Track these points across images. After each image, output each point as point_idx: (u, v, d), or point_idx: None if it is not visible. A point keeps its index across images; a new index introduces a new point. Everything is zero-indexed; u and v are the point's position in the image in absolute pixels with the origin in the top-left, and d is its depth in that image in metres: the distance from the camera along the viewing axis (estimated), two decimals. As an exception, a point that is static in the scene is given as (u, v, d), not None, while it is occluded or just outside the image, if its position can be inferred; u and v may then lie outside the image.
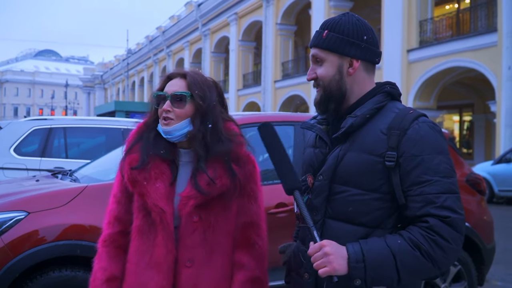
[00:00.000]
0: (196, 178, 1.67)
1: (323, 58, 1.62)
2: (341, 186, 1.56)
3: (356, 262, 1.41)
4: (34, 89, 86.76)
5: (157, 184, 1.66)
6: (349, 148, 1.56)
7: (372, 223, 1.52)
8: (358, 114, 1.56)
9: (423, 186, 1.46)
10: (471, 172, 4.35)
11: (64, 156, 6.84)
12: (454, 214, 1.44)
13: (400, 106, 1.60)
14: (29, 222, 2.98)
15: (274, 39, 24.96)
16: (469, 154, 21.10)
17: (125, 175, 1.69)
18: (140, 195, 1.66)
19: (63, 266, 3.00)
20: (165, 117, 1.68)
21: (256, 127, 1.71)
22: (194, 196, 1.64)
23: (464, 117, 22.58)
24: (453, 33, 16.58)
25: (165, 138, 1.71)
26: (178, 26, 36.44)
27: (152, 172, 1.67)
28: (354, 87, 1.62)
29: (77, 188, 3.24)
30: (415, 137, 1.48)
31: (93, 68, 68.96)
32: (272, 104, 24.89)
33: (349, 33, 1.59)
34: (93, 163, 4.29)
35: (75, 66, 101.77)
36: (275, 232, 3.36)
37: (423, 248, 1.42)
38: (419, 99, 16.87)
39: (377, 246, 1.44)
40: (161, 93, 1.72)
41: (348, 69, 1.60)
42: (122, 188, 1.74)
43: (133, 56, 48.40)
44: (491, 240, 4.23)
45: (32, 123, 6.91)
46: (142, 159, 1.68)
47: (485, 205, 4.35)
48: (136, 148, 1.72)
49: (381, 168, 1.50)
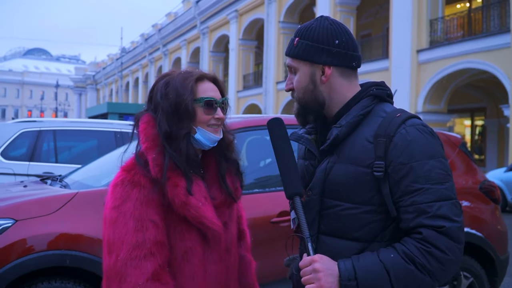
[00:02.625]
0: (227, 185, 1.73)
1: (295, 68, 1.61)
2: (331, 200, 1.55)
3: (348, 280, 1.40)
4: (23, 90, 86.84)
5: (204, 200, 1.64)
6: (337, 160, 1.54)
7: (366, 237, 1.51)
8: (343, 123, 1.54)
9: (414, 196, 1.43)
10: (485, 180, 4.33)
11: (54, 161, 6.84)
12: (449, 222, 1.41)
13: (388, 109, 1.57)
14: (16, 231, 2.97)
15: (277, 38, 24.98)
16: (481, 161, 21.09)
17: (176, 199, 1.58)
18: (195, 217, 1.60)
19: (52, 277, 2.99)
20: (218, 124, 1.71)
21: (256, 130, 1.70)
22: (229, 204, 1.74)
23: (476, 122, 22.58)
24: (464, 33, 16.60)
25: (204, 146, 1.70)
26: (175, 24, 36.51)
27: (196, 189, 1.63)
28: (332, 95, 1.60)
29: (67, 194, 3.23)
30: (402, 143, 1.46)
31: (85, 67, 69.09)
32: (274, 106, 24.89)
33: (319, 39, 1.57)
34: (84, 168, 4.28)
35: (66, 66, 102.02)
36: (278, 242, 3.35)
37: (418, 261, 1.40)
38: (429, 102, 16.87)
39: (369, 262, 1.42)
40: (213, 100, 1.69)
41: (321, 77, 1.58)
42: (159, 211, 1.60)
43: (127, 55, 48.47)
44: (505, 251, 4.22)
45: (20, 125, 6.91)
46: (190, 179, 1.63)
47: (500, 214, 4.34)
48: (172, 164, 1.61)
49: (370, 179, 1.48)
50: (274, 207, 3.42)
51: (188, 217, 1.60)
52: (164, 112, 1.65)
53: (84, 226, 3.03)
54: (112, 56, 56.67)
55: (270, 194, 3.56)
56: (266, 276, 3.32)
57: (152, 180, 1.59)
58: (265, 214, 3.42)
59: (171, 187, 1.59)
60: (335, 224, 1.54)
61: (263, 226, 3.39)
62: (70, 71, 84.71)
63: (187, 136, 1.65)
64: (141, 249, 1.53)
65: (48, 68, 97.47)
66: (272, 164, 1.69)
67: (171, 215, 1.62)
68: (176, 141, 1.63)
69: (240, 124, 3.64)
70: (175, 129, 1.64)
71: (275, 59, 25.08)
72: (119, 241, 1.54)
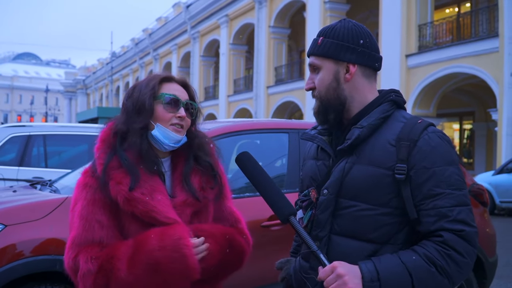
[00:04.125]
0: (190, 185, 1.70)
1: (319, 66, 1.63)
2: (348, 200, 1.55)
3: (371, 281, 1.41)
4: (12, 94, 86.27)
5: (158, 196, 1.63)
6: (356, 160, 1.56)
7: (380, 239, 1.52)
8: (365, 124, 1.56)
9: (436, 200, 1.47)
10: (473, 183, 4.37)
11: (44, 165, 6.80)
12: (468, 227, 1.45)
13: (407, 115, 1.61)
14: (5, 236, 2.95)
15: (267, 42, 25.03)
16: (469, 164, 21.24)
17: (118, 197, 1.59)
18: (145, 212, 1.59)
19: (42, 283, 2.97)
20: (181, 124, 1.70)
21: (249, 134, 1.72)
22: (191, 204, 1.68)
23: (464, 126, 22.74)
24: (453, 38, 16.73)
25: (163, 144, 1.69)
26: (165, 29, 36.48)
27: (147, 185, 1.63)
28: (354, 95, 1.62)
29: (57, 199, 3.22)
30: (426, 148, 1.49)
31: (75, 72, 68.83)
32: (265, 111, 24.91)
33: (344, 38, 1.60)
34: (74, 173, 4.25)
35: (56, 70, 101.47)
36: (268, 246, 3.35)
37: (439, 264, 1.43)
38: (419, 107, 16.97)
39: (391, 263, 1.44)
40: (175, 97, 1.70)
41: (345, 75, 1.61)
42: (106, 211, 1.61)
43: (118, 59, 48.31)
44: (494, 254, 4.25)
45: (10, 130, 6.87)
46: (135, 176, 1.62)
47: (488, 217, 4.37)
48: (115, 163, 1.63)
49: (390, 182, 1.50)
50: (264, 211, 3.41)
51: (136, 213, 1.60)
52: (125, 111, 1.70)
53: (74, 231, 3.01)
54: (102, 60, 56.48)
55: (260, 198, 3.54)
56: (256, 281, 3.31)
57: (98, 180, 1.63)
58: (255, 218, 3.42)
59: (113, 185, 1.60)
60: (349, 224, 1.55)
61: (253, 230, 3.36)
62: (60, 76, 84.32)
63: (142, 131, 1.66)
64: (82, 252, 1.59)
65: (38, 73, 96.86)
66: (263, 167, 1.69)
67: (123, 214, 1.63)
68: (131, 137, 1.65)
69: (230, 128, 3.65)
70: (132, 125, 1.66)
71: (265, 64, 25.11)
72: (70, 240, 1.62)
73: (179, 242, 1.55)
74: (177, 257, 1.54)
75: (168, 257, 1.54)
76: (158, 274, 1.54)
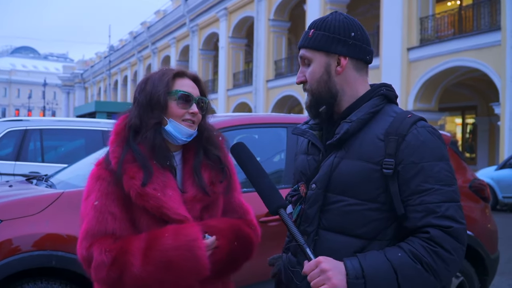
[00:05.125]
0: (200, 179, 1.74)
1: (310, 58, 1.63)
2: (336, 195, 1.55)
3: (355, 278, 1.41)
4: (10, 89, 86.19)
5: (170, 192, 1.67)
6: (345, 155, 1.55)
7: (368, 234, 1.52)
8: (354, 119, 1.56)
9: (424, 195, 1.46)
10: (474, 178, 4.36)
11: (40, 160, 6.79)
12: (456, 224, 1.44)
13: (398, 110, 1.60)
14: (1, 231, 2.95)
15: (267, 36, 24.99)
16: (472, 159, 21.24)
17: (131, 191, 1.63)
18: (156, 207, 1.64)
19: (38, 278, 2.97)
20: (193, 120, 1.74)
21: (247, 129, 1.73)
22: (201, 199, 1.72)
23: (467, 120, 22.74)
24: (455, 31, 16.70)
25: (176, 138, 1.73)
26: (164, 22, 36.39)
27: (159, 180, 1.67)
28: (345, 88, 1.62)
29: (53, 194, 3.21)
30: (414, 143, 1.48)
31: (73, 66, 68.70)
32: (264, 105, 24.91)
33: (335, 30, 1.60)
34: (71, 168, 4.25)
35: (54, 64, 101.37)
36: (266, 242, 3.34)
37: (425, 261, 1.42)
38: (420, 101, 16.96)
39: (376, 260, 1.43)
40: (188, 94, 1.74)
41: (336, 68, 1.61)
42: (119, 204, 1.66)
43: (116, 53, 48.24)
44: (495, 250, 4.24)
45: (6, 124, 6.86)
46: (148, 171, 1.66)
47: (490, 213, 4.37)
48: (129, 156, 1.68)
49: (378, 177, 1.50)
50: (262, 206, 3.41)
51: (147, 207, 1.64)
52: (139, 105, 1.73)
53: (70, 226, 3.01)
54: (100, 54, 56.37)
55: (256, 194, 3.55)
56: (255, 277, 3.31)
57: (112, 173, 1.67)
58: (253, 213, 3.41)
59: (127, 179, 1.64)
60: (337, 219, 1.55)
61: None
62: (58, 70, 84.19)
63: (156, 126, 1.71)
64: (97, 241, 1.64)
65: (35, 67, 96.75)
66: (261, 162, 1.70)
67: (136, 208, 1.67)
68: (145, 132, 1.69)
69: (229, 123, 3.63)
70: (146, 119, 1.71)
71: (265, 57, 25.08)
72: (84, 231, 1.68)
73: (193, 243, 1.60)
74: (190, 256, 1.60)
75: (181, 255, 1.59)
76: (170, 271, 1.60)
